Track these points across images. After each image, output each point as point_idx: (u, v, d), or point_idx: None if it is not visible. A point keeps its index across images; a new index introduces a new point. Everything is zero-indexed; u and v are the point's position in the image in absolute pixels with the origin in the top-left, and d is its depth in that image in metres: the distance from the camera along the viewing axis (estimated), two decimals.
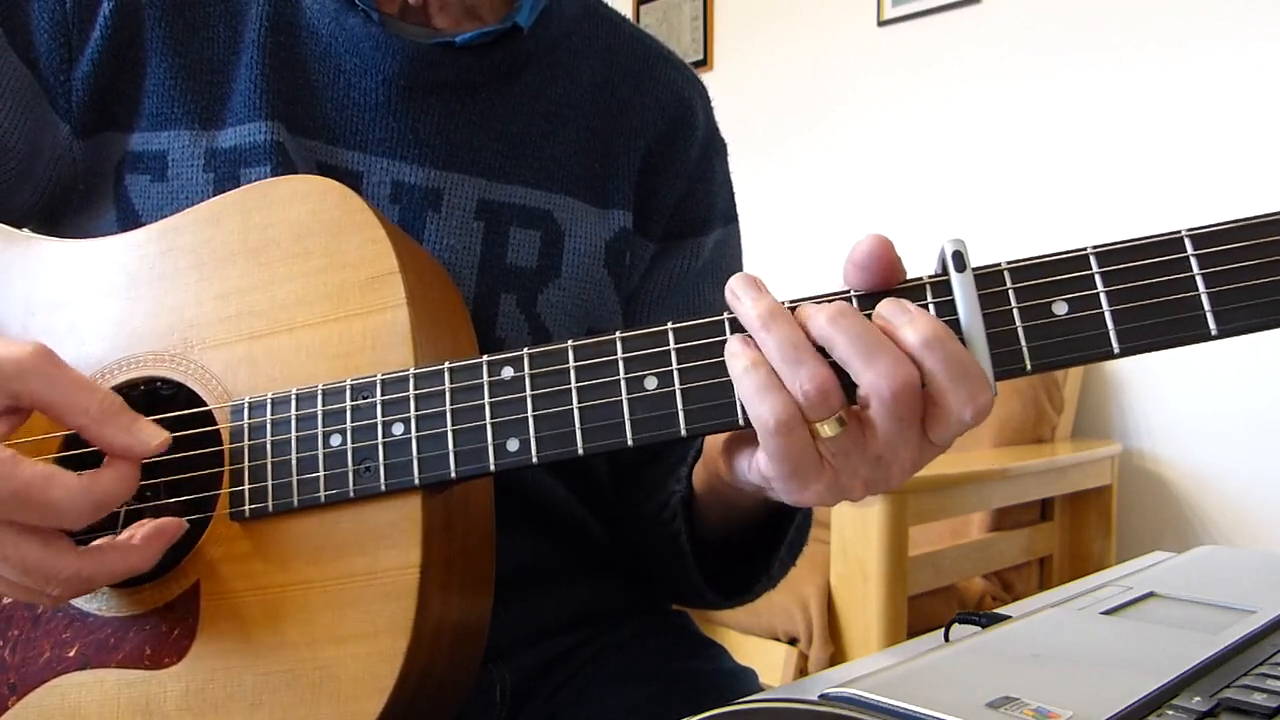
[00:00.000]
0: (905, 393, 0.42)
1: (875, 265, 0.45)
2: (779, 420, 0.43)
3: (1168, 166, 2.24)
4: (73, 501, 0.46)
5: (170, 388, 0.57)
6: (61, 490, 0.46)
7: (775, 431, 0.43)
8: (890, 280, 0.45)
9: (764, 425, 0.43)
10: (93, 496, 0.47)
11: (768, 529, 0.63)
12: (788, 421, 0.43)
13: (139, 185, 0.65)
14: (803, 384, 0.43)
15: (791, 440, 0.43)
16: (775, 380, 0.43)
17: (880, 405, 0.43)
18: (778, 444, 0.44)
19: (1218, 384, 2.19)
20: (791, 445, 0.44)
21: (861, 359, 0.43)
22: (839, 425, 0.43)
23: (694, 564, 0.64)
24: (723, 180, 0.81)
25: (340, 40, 0.68)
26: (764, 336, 0.44)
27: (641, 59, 0.77)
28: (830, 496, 0.47)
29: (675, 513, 0.63)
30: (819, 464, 0.45)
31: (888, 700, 0.36)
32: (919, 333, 0.43)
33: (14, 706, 0.55)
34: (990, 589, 2.03)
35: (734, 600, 0.68)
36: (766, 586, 0.68)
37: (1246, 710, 0.35)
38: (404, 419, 0.51)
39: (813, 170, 2.87)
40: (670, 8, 3.25)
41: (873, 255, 0.44)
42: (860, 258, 0.45)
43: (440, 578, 0.51)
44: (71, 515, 0.46)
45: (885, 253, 0.45)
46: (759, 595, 0.68)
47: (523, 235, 0.69)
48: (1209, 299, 0.42)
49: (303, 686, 0.50)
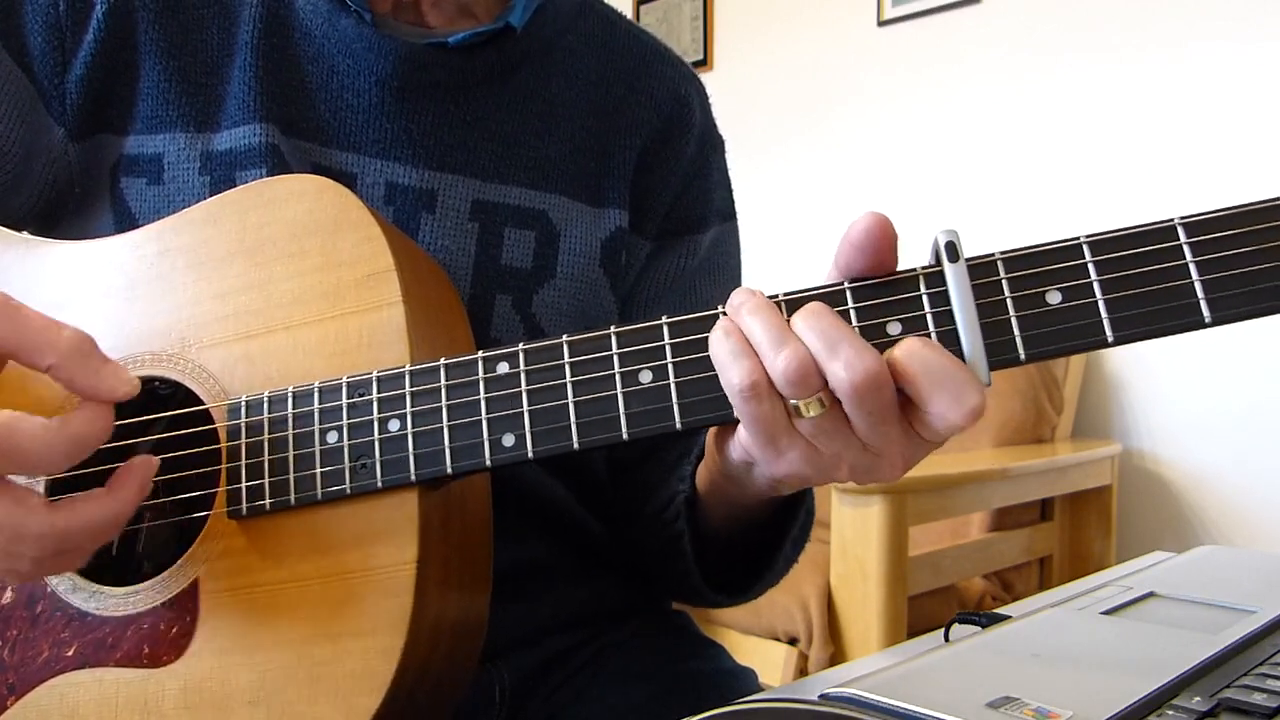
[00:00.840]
0: (868, 386, 0.42)
1: (870, 245, 0.45)
2: (744, 384, 0.44)
3: (1167, 167, 2.24)
4: (42, 442, 0.44)
5: (168, 387, 0.57)
6: (27, 433, 0.44)
7: (743, 395, 0.44)
8: (883, 261, 0.45)
9: (732, 389, 0.44)
10: (64, 436, 0.45)
11: (770, 527, 0.63)
12: (754, 386, 0.44)
13: (135, 188, 0.65)
14: (782, 362, 0.43)
15: (762, 409, 0.44)
16: (747, 347, 0.44)
17: (845, 397, 0.43)
18: (749, 411, 0.44)
19: (1218, 384, 2.19)
20: (762, 413, 0.44)
21: (827, 350, 0.43)
22: (820, 407, 0.44)
23: (695, 564, 0.64)
24: (720, 177, 0.80)
25: (333, 41, 0.68)
26: (748, 320, 0.45)
27: (638, 56, 0.77)
28: (810, 470, 0.47)
29: (679, 512, 0.63)
30: (791, 433, 0.45)
31: (888, 700, 0.36)
32: (900, 347, 0.43)
33: (13, 706, 0.55)
34: (990, 589, 2.03)
35: (735, 599, 0.68)
36: (769, 584, 0.68)
37: (1246, 710, 0.35)
38: (400, 415, 0.51)
39: (813, 170, 2.87)
40: (670, 8, 3.25)
41: (869, 234, 0.45)
42: (856, 236, 0.45)
43: (437, 574, 0.51)
44: (43, 458, 0.45)
45: (883, 232, 0.45)
46: (760, 594, 0.68)
47: (518, 236, 0.68)
48: (1202, 286, 0.42)
49: (301, 683, 0.50)
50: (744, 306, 0.45)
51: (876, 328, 0.45)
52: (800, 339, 0.44)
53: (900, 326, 0.45)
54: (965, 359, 0.44)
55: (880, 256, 0.45)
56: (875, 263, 0.45)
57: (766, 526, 0.63)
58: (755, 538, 0.64)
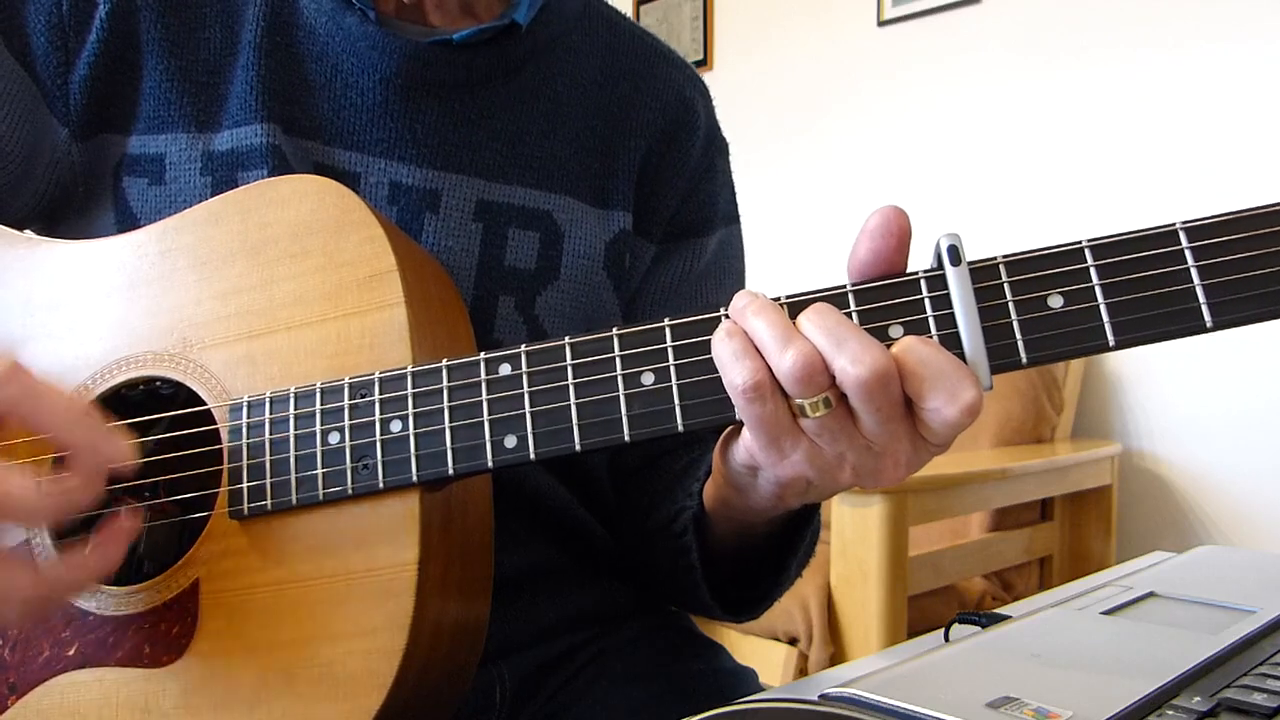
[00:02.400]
0: (875, 380, 0.42)
1: (886, 237, 0.45)
2: (747, 384, 0.44)
3: (1167, 167, 2.24)
4: (33, 498, 0.45)
5: (169, 387, 0.57)
6: (19, 487, 0.45)
7: (746, 396, 0.44)
8: (897, 257, 0.45)
9: (735, 390, 0.44)
10: (55, 493, 0.46)
11: (774, 549, 0.62)
12: (757, 386, 0.44)
13: (137, 188, 0.65)
14: (789, 361, 0.43)
15: (765, 409, 0.44)
16: (750, 348, 0.44)
17: (852, 393, 0.43)
18: (752, 412, 0.44)
19: (1218, 384, 2.19)
20: (765, 414, 0.44)
21: (833, 345, 0.43)
22: (826, 406, 0.44)
23: (703, 580, 0.64)
24: (725, 180, 0.80)
25: (337, 40, 0.67)
26: (752, 321, 0.45)
27: (642, 58, 0.77)
28: (814, 473, 0.47)
29: (686, 527, 0.62)
30: (795, 433, 0.45)
31: (888, 700, 0.36)
32: (897, 344, 0.43)
33: (13, 706, 0.55)
34: (990, 589, 2.03)
35: (742, 618, 0.67)
36: (774, 600, 0.67)
37: (1246, 710, 0.35)
38: (402, 416, 0.51)
39: (813, 170, 2.87)
40: (670, 8, 3.25)
41: (885, 227, 0.45)
42: (874, 227, 0.45)
43: (438, 575, 0.51)
44: (33, 514, 0.46)
45: (899, 227, 0.45)
46: (764, 611, 0.68)
47: (521, 236, 0.68)
48: (1204, 291, 0.42)
49: (301, 684, 0.50)
50: (748, 308, 0.45)
51: (879, 330, 0.45)
52: (806, 337, 0.44)
53: (902, 329, 0.45)
54: (967, 362, 0.44)
55: (892, 254, 0.45)
56: (888, 252, 0.45)
57: (773, 545, 0.62)
58: (762, 556, 0.63)
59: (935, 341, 0.44)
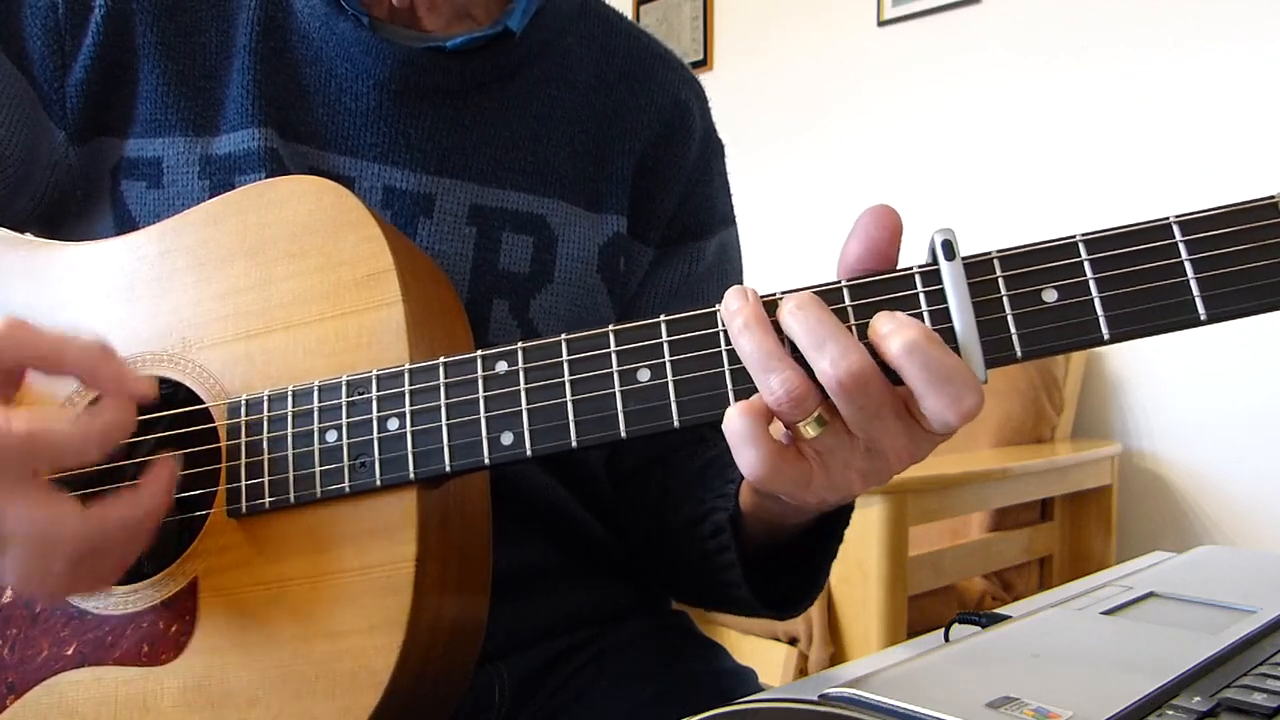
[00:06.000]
0: (856, 381, 0.43)
1: (880, 229, 0.45)
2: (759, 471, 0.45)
3: (1167, 167, 2.24)
4: (77, 433, 0.45)
5: (169, 387, 0.57)
6: (61, 427, 0.45)
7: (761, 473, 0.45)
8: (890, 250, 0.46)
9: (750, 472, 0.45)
10: (96, 427, 0.46)
11: (804, 547, 0.62)
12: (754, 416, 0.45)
13: (135, 191, 0.65)
14: (775, 390, 0.44)
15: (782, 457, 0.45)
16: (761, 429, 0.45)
17: (835, 394, 0.43)
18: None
19: (1218, 384, 2.19)
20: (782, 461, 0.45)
21: (814, 348, 0.43)
22: (820, 425, 0.44)
23: (744, 579, 0.62)
24: (721, 183, 0.80)
25: (331, 44, 0.67)
26: (741, 343, 0.45)
27: (637, 59, 0.77)
28: (833, 495, 0.47)
29: (719, 528, 0.61)
30: (804, 464, 0.46)
31: (888, 700, 0.36)
32: (902, 339, 0.43)
33: (12, 705, 0.55)
34: (990, 589, 2.03)
35: (784, 614, 0.66)
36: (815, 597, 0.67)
37: (1246, 710, 0.35)
38: (399, 414, 0.51)
39: (813, 170, 2.87)
40: (670, 8, 3.25)
41: (879, 220, 0.45)
42: (868, 220, 0.46)
43: (436, 573, 0.51)
44: (79, 449, 0.46)
45: (892, 222, 0.45)
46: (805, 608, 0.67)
47: (515, 240, 0.68)
48: (1198, 284, 0.42)
49: (299, 681, 0.50)
50: (735, 322, 0.45)
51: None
52: (788, 359, 0.44)
53: None
54: (961, 356, 0.44)
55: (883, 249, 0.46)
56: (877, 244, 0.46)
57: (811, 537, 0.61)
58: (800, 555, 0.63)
59: (938, 338, 0.43)
